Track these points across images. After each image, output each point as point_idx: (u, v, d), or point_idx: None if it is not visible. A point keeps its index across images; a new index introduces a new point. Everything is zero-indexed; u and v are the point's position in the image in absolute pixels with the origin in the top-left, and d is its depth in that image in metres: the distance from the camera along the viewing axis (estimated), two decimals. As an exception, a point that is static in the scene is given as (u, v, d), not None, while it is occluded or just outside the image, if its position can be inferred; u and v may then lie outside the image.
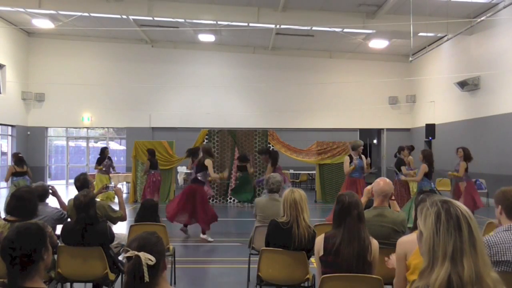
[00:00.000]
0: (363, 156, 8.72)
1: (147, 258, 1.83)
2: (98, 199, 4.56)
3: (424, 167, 7.89)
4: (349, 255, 3.01)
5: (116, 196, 5.40)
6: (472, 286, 1.46)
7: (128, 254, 1.85)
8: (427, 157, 8.03)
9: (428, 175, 7.97)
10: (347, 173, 8.42)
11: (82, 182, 4.82)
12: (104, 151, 12.74)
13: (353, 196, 3.17)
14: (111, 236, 4.08)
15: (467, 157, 8.65)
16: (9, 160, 18.15)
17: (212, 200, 12.09)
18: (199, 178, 7.92)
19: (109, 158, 12.92)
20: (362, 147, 8.66)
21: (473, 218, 1.55)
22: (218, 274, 6.00)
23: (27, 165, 10.05)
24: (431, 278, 1.49)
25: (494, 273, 1.52)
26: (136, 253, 1.84)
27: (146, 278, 1.80)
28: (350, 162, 8.43)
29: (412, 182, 9.49)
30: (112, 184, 12.10)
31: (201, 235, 7.81)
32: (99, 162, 12.59)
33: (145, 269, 1.81)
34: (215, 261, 6.71)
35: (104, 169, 12.65)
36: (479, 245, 1.51)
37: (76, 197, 4.02)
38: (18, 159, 9.94)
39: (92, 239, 3.91)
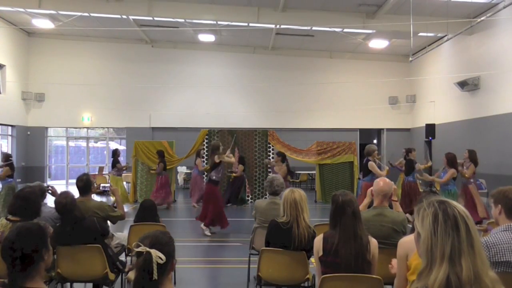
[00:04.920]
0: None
1: (157, 256, 1.83)
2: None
3: (453, 172, 7.96)
4: (348, 255, 3.02)
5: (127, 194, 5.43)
6: (471, 286, 1.46)
7: (139, 249, 1.85)
8: (452, 161, 8.13)
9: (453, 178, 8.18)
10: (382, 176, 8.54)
11: (85, 182, 4.82)
12: (116, 152, 12.28)
13: (346, 195, 3.18)
14: (103, 229, 4.07)
15: (472, 159, 8.68)
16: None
17: None
18: (213, 178, 8.26)
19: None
20: (376, 151, 8.80)
21: (470, 218, 1.56)
22: (218, 274, 6.01)
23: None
24: (430, 279, 1.49)
25: (492, 273, 1.53)
26: (148, 249, 1.84)
27: (155, 276, 1.81)
28: (379, 167, 8.58)
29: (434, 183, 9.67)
30: (109, 184, 12.13)
31: (202, 225, 8.28)
32: (115, 163, 12.04)
33: (155, 266, 1.82)
34: (215, 261, 6.72)
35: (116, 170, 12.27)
36: (477, 245, 1.52)
37: (56, 201, 3.99)
38: (10, 161, 9.88)
39: (82, 236, 3.91)
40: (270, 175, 6.10)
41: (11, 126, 18.06)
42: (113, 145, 21.14)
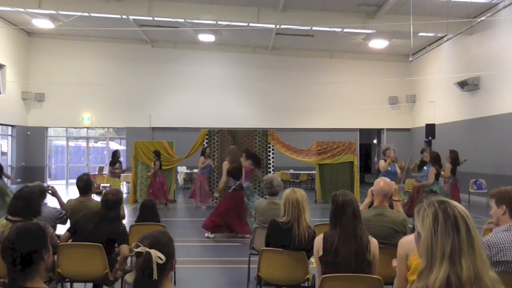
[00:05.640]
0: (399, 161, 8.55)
1: (157, 256, 1.84)
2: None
3: (432, 170, 8.05)
4: (347, 254, 3.02)
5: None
6: (471, 286, 1.46)
7: (139, 250, 1.85)
8: (435, 159, 8.19)
9: (436, 176, 8.21)
10: (383, 170, 8.43)
11: (85, 182, 4.83)
12: (116, 154, 12.22)
13: (346, 195, 3.19)
14: (124, 237, 4.04)
15: (453, 160, 8.94)
16: (9, 160, 18.16)
17: (213, 200, 12.10)
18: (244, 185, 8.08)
19: (119, 161, 12.40)
20: (389, 150, 8.51)
21: (470, 218, 1.55)
22: (218, 274, 6.00)
23: None
24: (430, 279, 1.49)
25: (493, 273, 1.53)
26: (147, 249, 1.85)
27: (155, 276, 1.81)
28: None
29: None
30: (108, 184, 12.11)
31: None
32: (112, 164, 12.03)
33: (155, 266, 1.82)
34: (215, 261, 6.71)
35: (116, 171, 12.10)
36: (477, 245, 1.52)
37: (105, 193, 4.19)
38: None
39: (101, 234, 3.93)
40: (268, 175, 6.06)
41: (11, 126, 18.06)
42: (113, 145, 21.17)
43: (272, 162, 12.96)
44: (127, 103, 18.84)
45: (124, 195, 14.17)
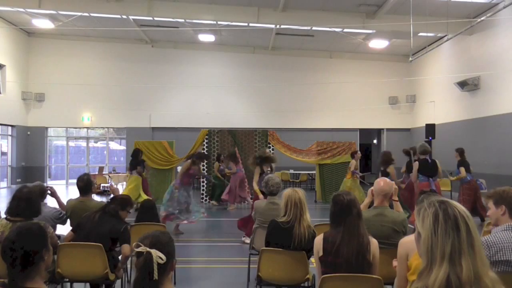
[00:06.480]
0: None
1: (158, 256, 1.84)
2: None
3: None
4: (349, 254, 3.02)
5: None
6: (471, 286, 1.46)
7: (139, 249, 1.86)
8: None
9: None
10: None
11: (85, 182, 4.84)
12: (138, 154, 11.47)
13: (350, 195, 3.21)
14: (125, 236, 4.03)
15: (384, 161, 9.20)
16: (9, 160, 18.17)
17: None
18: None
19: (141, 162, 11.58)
20: (420, 150, 8.14)
21: (471, 218, 1.56)
22: (218, 274, 6.01)
23: None
24: (430, 279, 1.49)
25: (492, 273, 1.53)
26: (148, 249, 1.85)
27: (155, 276, 1.81)
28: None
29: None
30: (109, 184, 12.08)
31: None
32: (134, 166, 11.18)
33: (155, 266, 1.82)
34: (215, 261, 6.71)
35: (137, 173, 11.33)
36: (477, 245, 1.52)
37: (112, 189, 4.40)
38: None
39: (102, 232, 3.95)
40: (266, 176, 6.05)
41: (11, 126, 18.06)
42: (113, 145, 21.18)
43: (272, 162, 12.94)
44: (127, 103, 18.84)
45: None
